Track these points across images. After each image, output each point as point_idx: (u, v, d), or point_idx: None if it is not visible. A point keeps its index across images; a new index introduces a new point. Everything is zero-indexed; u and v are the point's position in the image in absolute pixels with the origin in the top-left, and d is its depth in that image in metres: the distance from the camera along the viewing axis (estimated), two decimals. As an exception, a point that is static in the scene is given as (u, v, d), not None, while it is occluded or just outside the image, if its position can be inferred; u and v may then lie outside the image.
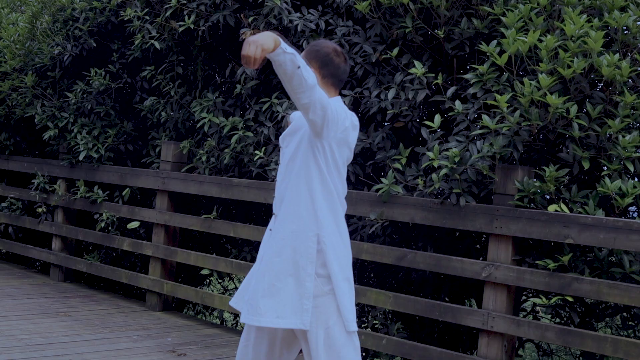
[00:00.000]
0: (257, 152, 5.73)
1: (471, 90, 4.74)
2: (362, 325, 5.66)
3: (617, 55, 4.27)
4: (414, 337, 5.64)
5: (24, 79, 7.43)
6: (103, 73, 7.01)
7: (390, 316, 5.84)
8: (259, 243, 6.27)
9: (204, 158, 6.19)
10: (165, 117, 6.64)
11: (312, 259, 3.26)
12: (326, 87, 3.39)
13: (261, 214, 6.89)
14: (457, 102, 4.76)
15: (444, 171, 4.61)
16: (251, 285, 3.39)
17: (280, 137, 3.49)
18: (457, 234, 5.53)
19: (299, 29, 5.52)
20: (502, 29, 4.58)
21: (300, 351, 3.47)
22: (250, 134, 5.84)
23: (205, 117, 6.09)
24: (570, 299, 4.42)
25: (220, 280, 7.72)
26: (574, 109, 4.30)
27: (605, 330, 6.55)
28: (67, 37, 7.15)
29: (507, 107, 4.48)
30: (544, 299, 4.50)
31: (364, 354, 5.67)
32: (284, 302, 3.24)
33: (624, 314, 5.01)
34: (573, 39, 4.36)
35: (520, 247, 4.67)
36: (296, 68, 3.01)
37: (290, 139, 3.42)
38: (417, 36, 5.17)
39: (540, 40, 4.44)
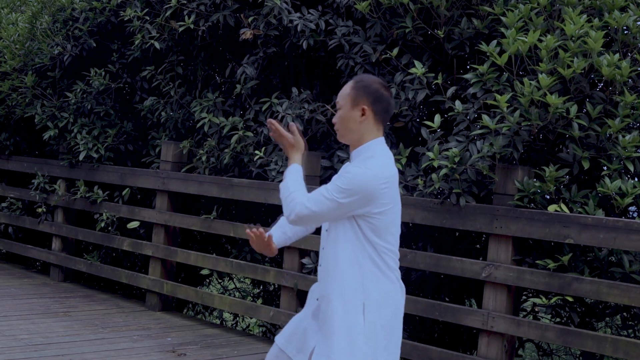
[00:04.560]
0: (257, 152, 5.73)
1: (471, 90, 4.74)
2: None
3: (617, 55, 4.27)
4: (414, 337, 5.63)
5: (24, 79, 7.43)
6: (103, 73, 7.01)
7: (390, 316, 5.82)
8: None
9: (204, 158, 6.18)
10: (165, 117, 6.63)
11: None
12: (376, 125, 3.19)
13: (261, 214, 6.89)
14: (457, 102, 4.76)
15: (444, 171, 4.61)
16: None
17: None
18: (457, 234, 5.53)
19: (298, 29, 5.52)
20: (502, 29, 4.58)
21: None
22: (250, 134, 5.84)
23: (205, 117, 6.09)
24: (570, 299, 4.42)
25: (220, 280, 7.73)
26: (574, 109, 4.30)
27: (605, 330, 6.54)
28: (67, 37, 7.15)
29: (507, 107, 4.48)
30: (544, 299, 4.50)
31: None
32: None
33: (624, 314, 5.01)
34: (573, 39, 4.36)
35: (520, 247, 4.67)
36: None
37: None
38: (417, 36, 5.17)
39: (540, 40, 4.44)
